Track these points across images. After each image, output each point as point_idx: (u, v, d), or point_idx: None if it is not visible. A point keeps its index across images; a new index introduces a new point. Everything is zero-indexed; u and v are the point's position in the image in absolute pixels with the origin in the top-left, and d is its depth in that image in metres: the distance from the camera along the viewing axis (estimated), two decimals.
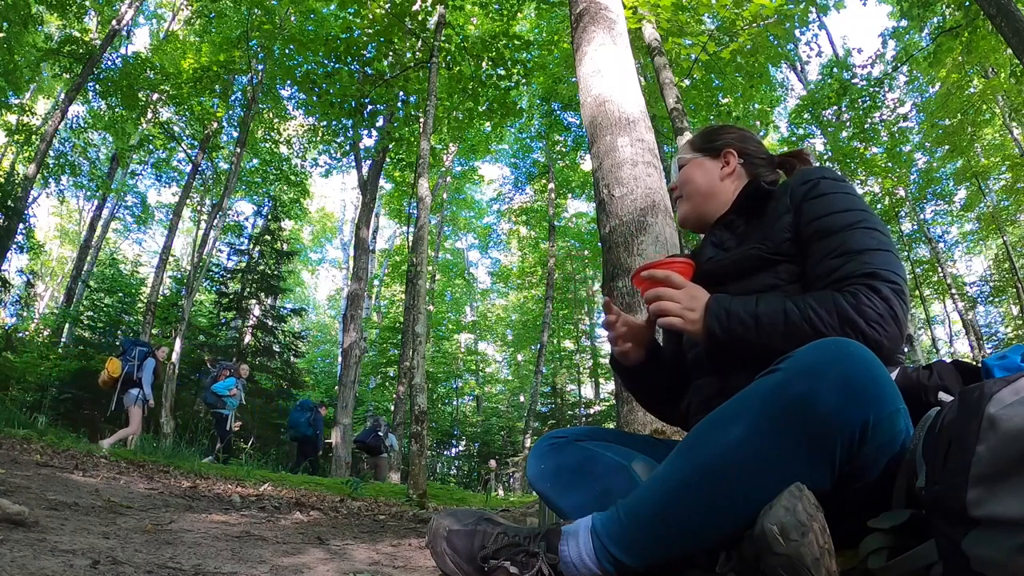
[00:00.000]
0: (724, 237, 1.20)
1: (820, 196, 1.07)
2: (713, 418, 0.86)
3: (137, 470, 3.83)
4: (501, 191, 22.94)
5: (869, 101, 11.10)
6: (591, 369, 23.40)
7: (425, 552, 1.68)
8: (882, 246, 0.99)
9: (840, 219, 1.03)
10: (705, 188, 1.27)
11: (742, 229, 1.19)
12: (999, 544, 0.62)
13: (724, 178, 1.27)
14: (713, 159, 1.29)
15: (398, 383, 13.29)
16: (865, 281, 0.94)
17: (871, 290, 0.93)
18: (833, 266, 1.00)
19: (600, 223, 3.08)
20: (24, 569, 0.91)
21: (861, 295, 0.93)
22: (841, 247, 1.00)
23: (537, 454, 1.21)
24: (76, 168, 14.23)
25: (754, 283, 1.08)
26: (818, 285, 1.02)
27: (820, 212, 1.05)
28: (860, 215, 1.02)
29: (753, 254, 1.09)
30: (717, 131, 1.33)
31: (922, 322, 19.81)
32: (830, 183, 1.08)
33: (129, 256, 20.68)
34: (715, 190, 1.27)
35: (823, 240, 1.03)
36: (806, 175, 1.12)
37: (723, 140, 1.30)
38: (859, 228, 1.01)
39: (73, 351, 13.50)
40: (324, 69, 8.60)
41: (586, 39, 3.54)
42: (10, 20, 10.53)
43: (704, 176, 1.28)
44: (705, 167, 1.29)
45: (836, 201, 1.05)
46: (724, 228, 1.22)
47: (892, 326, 0.91)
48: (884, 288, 0.93)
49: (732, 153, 1.27)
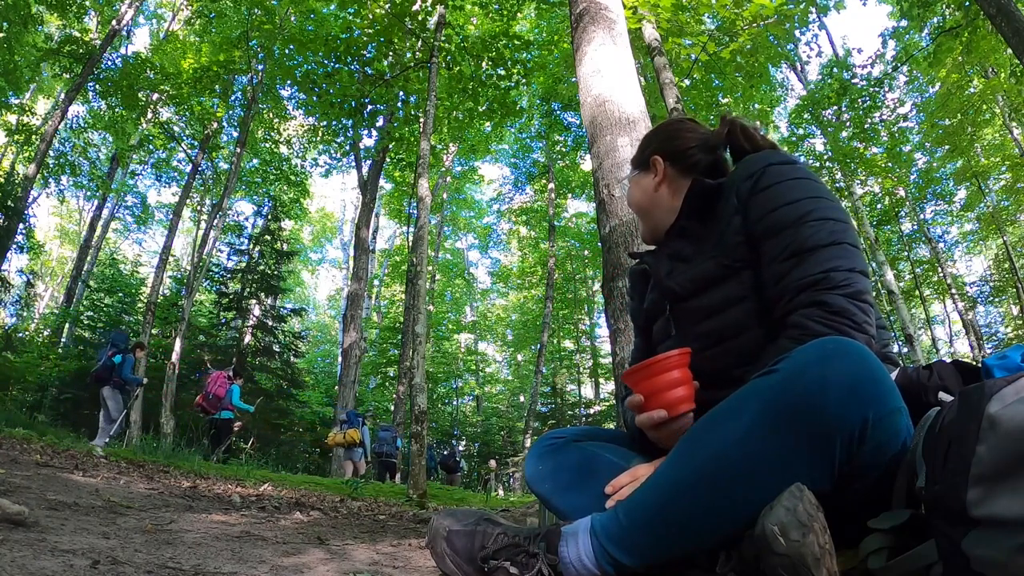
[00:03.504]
0: (679, 246, 1.17)
1: (764, 190, 1.02)
2: (711, 418, 0.85)
3: (137, 470, 3.83)
4: (501, 191, 22.98)
5: (869, 101, 11.10)
6: (591, 369, 23.40)
7: (425, 552, 1.68)
8: (833, 239, 0.95)
9: (787, 213, 0.98)
10: (645, 204, 1.26)
11: (696, 232, 1.15)
12: (999, 544, 0.62)
13: (657, 187, 1.24)
14: (645, 172, 1.27)
15: (398, 383, 13.30)
16: (812, 296, 0.92)
17: (819, 306, 0.91)
18: (781, 271, 0.96)
19: (600, 223, 3.08)
20: (24, 569, 0.91)
21: (810, 323, 0.91)
22: (789, 247, 0.96)
23: (536, 455, 1.21)
24: (76, 168, 14.23)
25: (717, 296, 1.05)
26: (769, 291, 0.99)
27: (767, 207, 1.01)
28: (809, 204, 0.98)
29: (711, 266, 1.06)
30: (645, 141, 1.31)
31: (922, 322, 19.82)
32: (775, 170, 1.03)
33: (129, 256, 20.69)
34: (652, 203, 1.25)
35: (771, 239, 0.99)
36: (749, 167, 1.07)
37: (649, 150, 1.27)
38: (807, 222, 0.97)
39: (73, 351, 13.52)
40: (324, 69, 8.60)
41: (586, 39, 3.54)
42: (10, 20, 10.53)
43: (640, 192, 1.27)
44: (640, 183, 1.28)
45: (781, 192, 1.01)
46: (678, 236, 1.18)
47: (856, 335, 0.90)
48: (833, 299, 0.91)
49: (657, 160, 1.24)
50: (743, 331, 1.02)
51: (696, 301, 1.08)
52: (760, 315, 1.01)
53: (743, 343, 1.02)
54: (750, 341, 1.01)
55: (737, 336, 1.03)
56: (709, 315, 1.06)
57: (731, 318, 1.03)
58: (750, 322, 1.02)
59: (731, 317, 1.03)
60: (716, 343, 1.05)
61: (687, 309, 1.10)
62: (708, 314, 1.06)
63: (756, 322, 1.01)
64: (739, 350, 1.02)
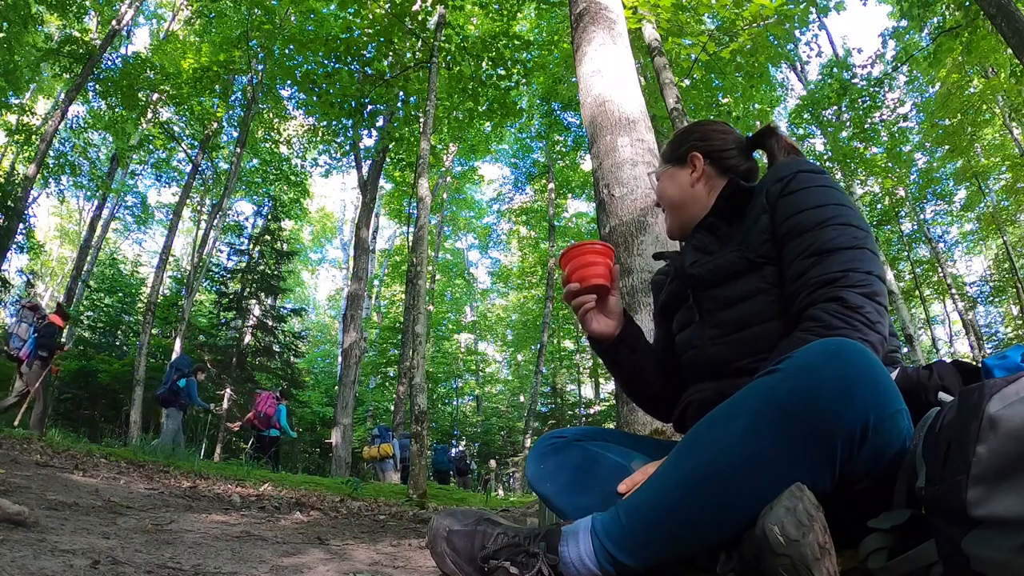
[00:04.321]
0: (706, 241, 1.20)
1: (793, 193, 1.06)
2: (713, 418, 0.85)
3: (137, 470, 3.83)
4: (501, 191, 22.97)
5: (869, 101, 11.10)
6: (591, 369, 23.41)
7: (425, 552, 1.68)
8: (854, 243, 0.98)
9: (812, 216, 1.02)
10: (678, 199, 1.27)
11: (723, 231, 1.18)
12: (999, 544, 0.62)
13: (694, 184, 1.26)
14: (681, 167, 1.28)
15: (398, 383, 13.31)
16: (830, 292, 0.94)
17: (837, 302, 0.93)
18: (802, 268, 0.99)
19: (600, 223, 3.08)
20: (24, 569, 0.91)
21: (827, 316, 0.92)
22: (812, 246, 0.99)
23: (536, 455, 1.21)
24: (76, 168, 14.23)
25: (739, 287, 1.08)
26: (789, 287, 1.02)
27: (793, 209, 1.04)
28: (834, 210, 1.01)
29: (734, 258, 1.09)
30: (681, 137, 1.33)
31: (922, 322, 19.82)
32: (805, 177, 1.07)
33: (129, 256, 20.71)
34: (687, 198, 1.26)
35: (795, 239, 1.02)
36: (780, 171, 1.10)
37: (686, 146, 1.29)
38: (831, 225, 1.00)
39: (73, 351, 13.52)
40: (324, 69, 8.59)
41: (586, 39, 3.54)
42: (10, 20, 10.53)
43: (675, 186, 1.28)
44: (675, 177, 1.29)
45: (809, 197, 1.04)
46: (706, 231, 1.21)
47: (868, 333, 0.91)
48: (851, 295, 0.92)
49: (697, 157, 1.26)
50: (760, 322, 1.05)
51: (717, 290, 1.11)
52: (778, 309, 1.04)
53: (759, 334, 1.05)
54: (766, 332, 1.04)
55: (754, 326, 1.06)
56: (729, 304, 1.10)
57: (749, 309, 1.07)
58: (768, 315, 1.05)
59: (749, 308, 1.07)
60: (734, 331, 1.08)
61: (709, 297, 1.13)
62: (728, 303, 1.10)
63: (774, 315, 1.05)
64: (755, 340, 1.05)
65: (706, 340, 1.12)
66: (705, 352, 1.12)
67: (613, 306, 1.22)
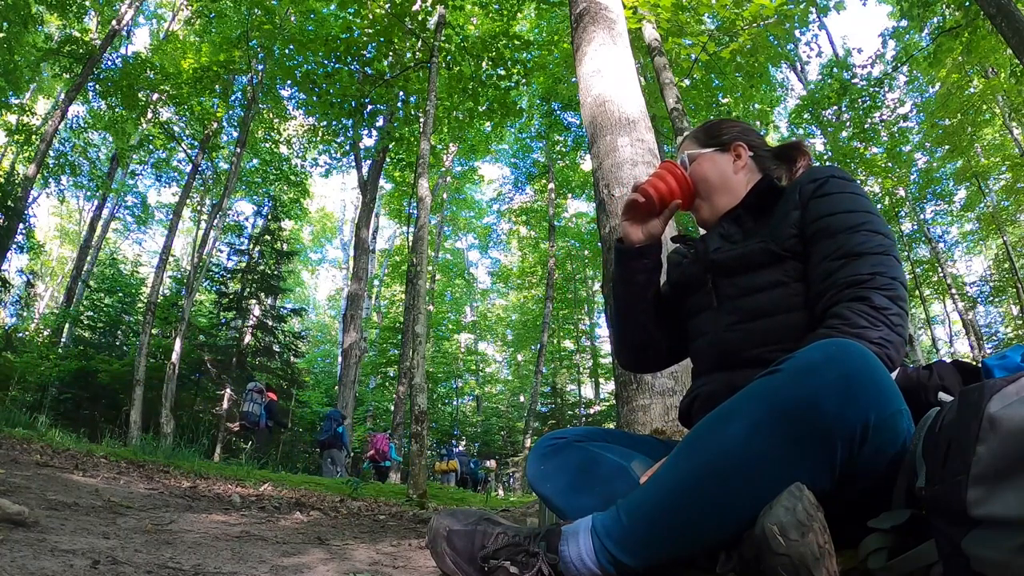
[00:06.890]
0: (732, 230, 1.20)
1: (826, 195, 1.07)
2: (713, 418, 0.86)
3: (137, 470, 3.82)
4: (501, 191, 22.97)
5: (869, 101, 11.09)
6: (591, 369, 23.40)
7: (425, 552, 1.68)
8: (882, 249, 0.99)
9: (843, 220, 1.03)
10: (719, 182, 1.27)
11: (749, 225, 1.19)
12: (999, 544, 0.62)
13: (738, 171, 1.27)
14: (723, 153, 1.28)
15: (398, 383, 13.29)
16: (857, 292, 0.95)
17: (863, 302, 0.94)
18: (831, 268, 1.00)
19: (600, 223, 3.08)
20: (24, 569, 0.91)
21: (853, 315, 0.93)
22: (841, 249, 1.01)
23: (537, 455, 1.21)
24: (76, 168, 14.22)
25: (760, 278, 1.09)
26: (815, 286, 1.03)
27: (825, 211, 1.06)
28: (864, 217, 1.03)
29: (760, 248, 1.10)
30: (721, 125, 1.33)
31: (922, 322, 19.81)
32: (838, 182, 1.09)
33: (129, 256, 20.68)
34: (728, 184, 1.26)
35: (825, 240, 1.04)
36: (815, 173, 1.12)
37: (730, 134, 1.30)
38: (861, 230, 1.01)
39: (73, 351, 13.50)
40: (324, 69, 8.58)
41: (586, 39, 3.54)
42: (10, 20, 10.52)
43: (716, 170, 1.27)
44: (716, 162, 1.28)
45: (841, 201, 1.06)
46: (732, 222, 1.22)
47: (890, 333, 0.92)
48: (877, 297, 0.94)
49: (743, 146, 1.27)
50: (777, 314, 1.07)
51: (738, 278, 1.12)
52: (795, 303, 1.06)
53: (774, 325, 1.06)
54: (781, 324, 1.05)
55: (770, 317, 1.07)
56: (748, 293, 1.11)
57: (768, 300, 1.08)
58: (785, 307, 1.06)
59: (768, 299, 1.08)
60: (750, 319, 1.09)
61: (730, 284, 1.14)
62: (747, 292, 1.11)
63: (790, 308, 1.06)
64: (770, 331, 1.06)
65: (721, 326, 1.13)
66: (719, 338, 1.13)
67: (653, 228, 1.26)
